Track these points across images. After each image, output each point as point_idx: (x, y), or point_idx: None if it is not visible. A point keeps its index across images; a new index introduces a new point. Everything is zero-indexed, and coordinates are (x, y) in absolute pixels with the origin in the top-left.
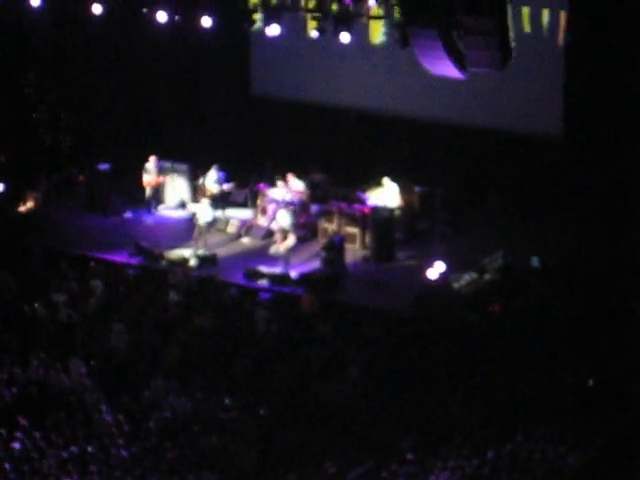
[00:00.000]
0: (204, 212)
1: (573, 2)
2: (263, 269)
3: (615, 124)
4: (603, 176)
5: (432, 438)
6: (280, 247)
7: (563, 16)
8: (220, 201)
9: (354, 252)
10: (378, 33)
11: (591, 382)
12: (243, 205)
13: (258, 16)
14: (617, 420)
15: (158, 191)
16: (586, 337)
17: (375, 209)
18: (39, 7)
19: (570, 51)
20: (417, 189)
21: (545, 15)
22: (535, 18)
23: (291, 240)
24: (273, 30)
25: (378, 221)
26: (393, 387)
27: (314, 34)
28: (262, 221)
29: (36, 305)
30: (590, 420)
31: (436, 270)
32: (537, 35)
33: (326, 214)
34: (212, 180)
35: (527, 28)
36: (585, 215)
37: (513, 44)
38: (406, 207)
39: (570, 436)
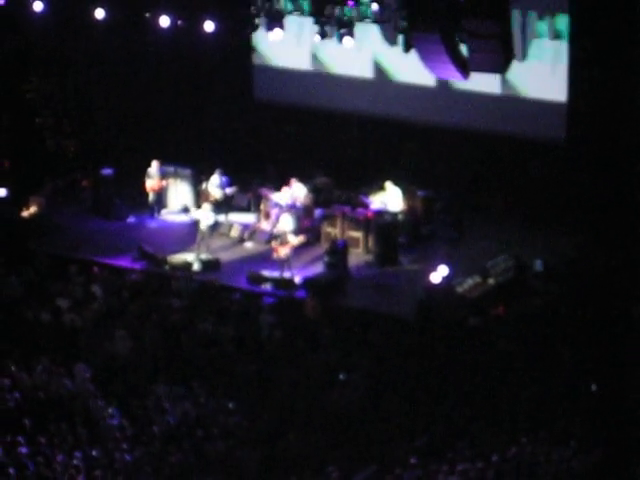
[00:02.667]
0: (206, 217)
1: (576, 6)
2: (266, 273)
3: (618, 128)
4: (606, 180)
5: (436, 442)
6: (281, 251)
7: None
8: (223, 205)
9: (357, 256)
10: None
11: (594, 387)
12: (246, 209)
13: (261, 21)
14: (621, 423)
15: (161, 196)
16: (590, 340)
17: (378, 213)
18: (42, 12)
19: (574, 55)
20: (420, 193)
21: (549, 20)
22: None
23: (291, 244)
24: (276, 35)
25: (381, 225)
26: (397, 391)
27: (317, 39)
28: (265, 225)
29: (40, 310)
30: (594, 423)
31: (439, 274)
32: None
33: (329, 218)
34: (215, 185)
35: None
36: (588, 219)
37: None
38: (409, 211)
39: (574, 439)
